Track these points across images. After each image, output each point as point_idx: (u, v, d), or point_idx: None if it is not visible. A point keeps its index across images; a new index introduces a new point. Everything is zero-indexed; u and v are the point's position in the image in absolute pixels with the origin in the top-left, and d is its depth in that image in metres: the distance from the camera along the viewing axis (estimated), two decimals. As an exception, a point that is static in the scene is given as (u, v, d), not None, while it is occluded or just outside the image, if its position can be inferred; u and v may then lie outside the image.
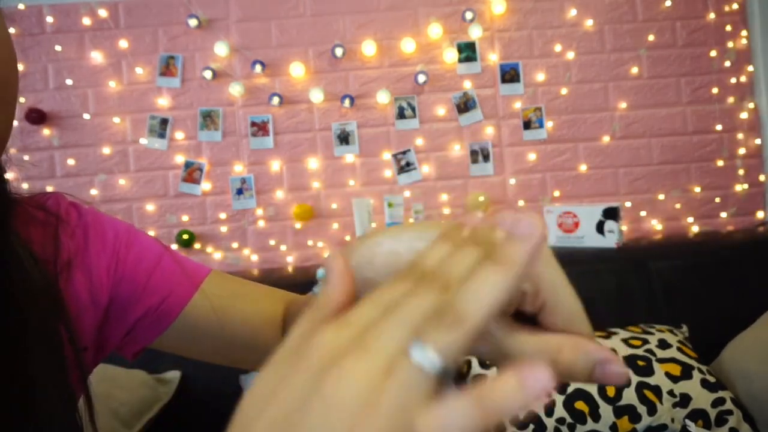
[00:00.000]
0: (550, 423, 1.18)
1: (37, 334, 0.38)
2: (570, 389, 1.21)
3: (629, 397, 1.19)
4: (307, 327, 0.22)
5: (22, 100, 1.76)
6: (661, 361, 1.24)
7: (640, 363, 1.24)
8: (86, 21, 1.77)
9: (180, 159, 1.80)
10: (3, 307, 0.37)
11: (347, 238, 1.83)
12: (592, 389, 1.20)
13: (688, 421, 1.16)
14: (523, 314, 0.27)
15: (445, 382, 0.19)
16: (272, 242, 1.83)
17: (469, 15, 1.78)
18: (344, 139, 1.82)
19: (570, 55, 1.83)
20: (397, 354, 0.19)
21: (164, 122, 1.79)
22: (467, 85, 1.83)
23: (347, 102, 1.78)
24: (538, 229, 0.22)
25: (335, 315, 0.22)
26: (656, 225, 1.85)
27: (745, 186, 1.86)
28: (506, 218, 0.23)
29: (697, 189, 1.86)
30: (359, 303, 0.22)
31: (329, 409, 0.18)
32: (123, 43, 1.77)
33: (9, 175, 0.41)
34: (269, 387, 0.20)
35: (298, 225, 1.83)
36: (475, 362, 1.36)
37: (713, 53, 1.84)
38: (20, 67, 1.70)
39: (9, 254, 0.38)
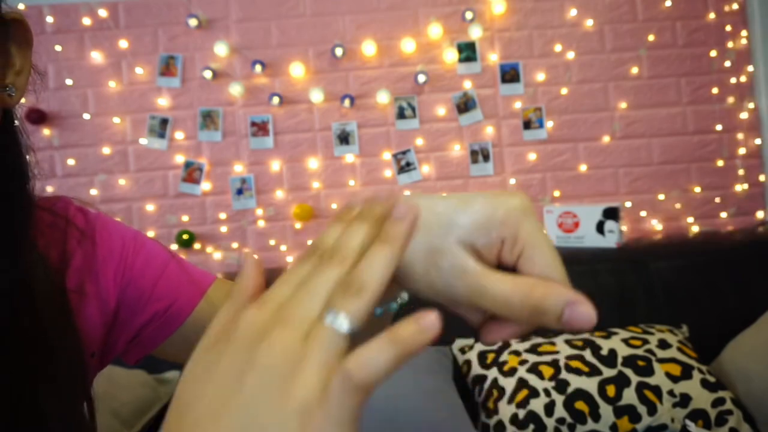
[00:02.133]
0: (550, 423, 1.18)
1: (47, 339, 0.38)
2: (570, 389, 1.21)
3: (629, 397, 1.19)
4: (229, 312, 0.25)
5: (22, 100, 1.76)
6: (661, 361, 1.25)
7: (640, 363, 1.24)
8: (86, 21, 1.77)
9: (180, 159, 1.80)
10: (15, 310, 0.37)
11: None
12: (593, 389, 1.20)
13: (688, 421, 1.16)
14: (504, 268, 0.28)
15: (356, 339, 0.23)
16: (272, 242, 1.83)
17: (469, 15, 1.78)
18: (344, 139, 1.82)
19: (570, 55, 1.83)
20: (313, 322, 0.22)
21: (164, 122, 1.79)
22: (467, 85, 1.83)
23: (347, 102, 1.78)
24: (413, 211, 0.26)
25: (250, 301, 0.25)
26: (656, 225, 1.85)
27: (745, 186, 1.86)
28: (383, 197, 0.27)
29: (697, 189, 1.86)
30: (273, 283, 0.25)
31: (263, 376, 0.21)
32: (123, 43, 1.78)
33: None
34: (203, 370, 0.23)
35: (298, 225, 1.83)
36: (475, 362, 1.36)
37: (713, 53, 1.84)
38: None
39: (24, 258, 0.38)
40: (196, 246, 1.81)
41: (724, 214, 1.86)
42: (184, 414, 0.22)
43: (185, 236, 1.76)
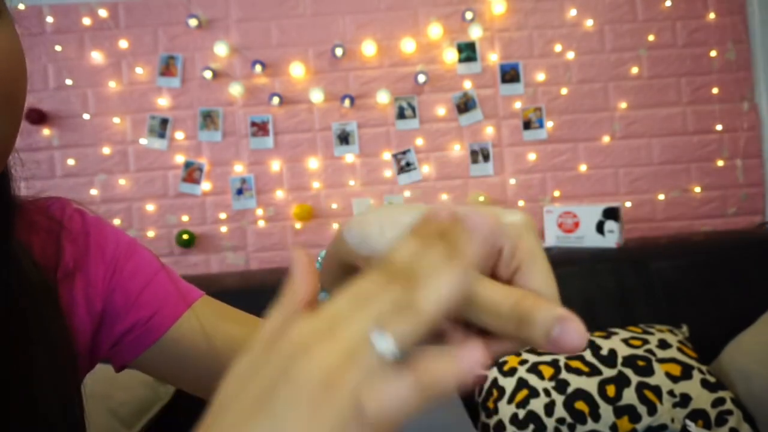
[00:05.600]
0: (550, 423, 1.18)
1: (35, 338, 0.38)
2: (570, 389, 1.21)
3: (629, 397, 1.19)
4: (278, 320, 0.24)
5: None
6: (661, 361, 1.25)
7: (640, 363, 1.24)
8: (86, 21, 1.77)
9: (180, 159, 1.80)
10: (2, 310, 0.37)
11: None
12: (593, 389, 1.20)
13: (688, 421, 1.16)
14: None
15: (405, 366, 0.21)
16: (272, 242, 1.83)
17: (469, 15, 1.78)
18: (344, 139, 1.82)
19: (570, 55, 1.83)
20: (360, 341, 0.21)
21: (164, 122, 1.79)
22: (467, 85, 1.83)
23: (347, 102, 1.78)
24: (487, 224, 0.24)
25: (303, 307, 0.24)
26: (656, 225, 1.85)
27: (745, 186, 1.86)
28: (466, 213, 0.25)
29: (697, 189, 1.86)
30: (335, 294, 0.24)
31: (294, 390, 0.20)
32: (123, 43, 1.77)
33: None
34: (245, 373, 0.22)
35: (298, 225, 1.83)
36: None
37: (713, 53, 1.84)
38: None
39: (9, 257, 0.38)
40: (196, 246, 1.81)
41: (724, 214, 1.86)
42: (218, 415, 0.22)
43: (185, 236, 1.76)
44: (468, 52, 1.82)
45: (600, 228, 1.62)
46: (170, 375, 0.52)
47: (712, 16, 1.84)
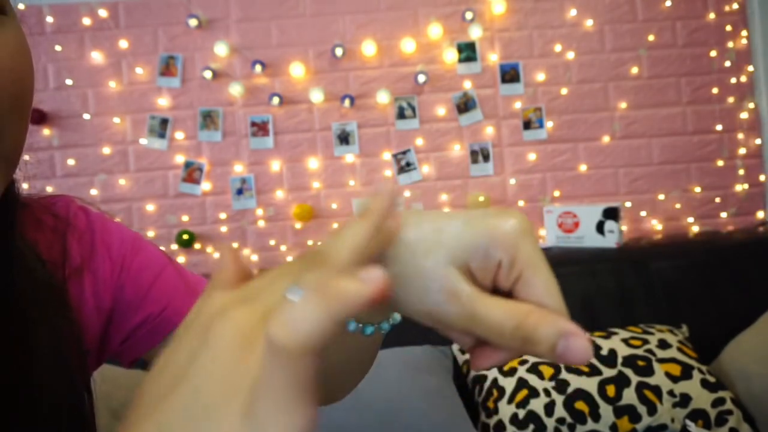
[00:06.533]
0: (550, 423, 1.18)
1: (42, 335, 0.39)
2: (570, 389, 1.21)
3: (629, 397, 1.19)
4: (202, 299, 0.24)
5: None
6: (661, 361, 1.25)
7: (640, 363, 1.24)
8: (86, 21, 1.77)
9: (180, 159, 1.80)
10: (7, 307, 0.37)
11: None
12: (593, 389, 1.20)
13: (688, 421, 1.16)
14: (499, 292, 0.27)
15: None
16: (272, 242, 1.83)
17: (469, 15, 1.78)
18: (344, 139, 1.82)
19: (570, 55, 1.83)
20: (277, 301, 0.20)
21: (164, 122, 1.79)
22: (467, 85, 1.83)
23: (347, 102, 1.78)
24: (389, 187, 0.26)
25: (228, 287, 0.24)
26: (656, 225, 1.85)
27: (745, 186, 1.86)
28: (381, 190, 0.27)
29: (697, 189, 1.86)
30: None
31: (213, 353, 0.19)
32: (123, 43, 1.77)
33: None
34: (164, 357, 0.22)
35: (298, 225, 1.83)
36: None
37: (713, 53, 1.84)
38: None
39: (15, 255, 0.39)
40: (196, 246, 1.81)
41: (724, 214, 1.86)
42: (137, 404, 0.21)
43: (185, 236, 1.76)
44: (468, 52, 1.82)
45: (600, 228, 1.62)
46: None
47: (712, 16, 1.84)
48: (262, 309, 0.21)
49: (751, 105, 1.85)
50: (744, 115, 1.85)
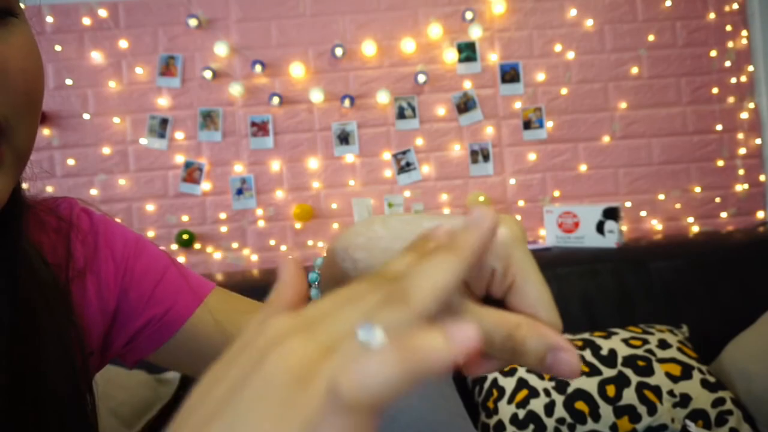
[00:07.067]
0: (550, 423, 1.18)
1: (46, 336, 0.39)
2: (570, 389, 1.21)
3: (629, 397, 1.19)
4: (259, 320, 0.22)
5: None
6: (661, 361, 1.24)
7: (640, 363, 1.24)
8: (86, 21, 1.77)
9: (180, 159, 1.80)
10: (12, 308, 0.37)
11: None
12: (593, 389, 1.20)
13: (688, 421, 1.16)
14: (492, 300, 0.27)
15: None
16: (272, 242, 1.83)
17: (469, 15, 1.78)
18: (344, 139, 1.82)
19: (570, 55, 1.83)
20: (343, 335, 0.19)
21: (164, 122, 1.79)
22: (467, 85, 1.83)
23: (347, 102, 1.78)
24: (488, 218, 0.23)
25: (287, 309, 0.22)
26: (656, 225, 1.85)
27: (745, 186, 1.86)
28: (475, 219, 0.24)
29: (697, 189, 1.86)
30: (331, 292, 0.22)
31: (265, 383, 0.18)
32: (123, 43, 1.77)
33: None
34: (215, 375, 0.20)
35: (298, 225, 1.83)
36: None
37: (713, 53, 1.84)
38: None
39: (19, 257, 0.39)
40: (196, 246, 1.81)
41: (724, 214, 1.86)
42: (184, 418, 0.20)
43: (185, 236, 1.76)
44: (468, 52, 1.82)
45: (600, 228, 1.62)
46: (187, 367, 0.53)
47: (712, 16, 1.84)
48: (325, 342, 0.19)
49: (751, 105, 1.85)
50: (744, 115, 1.85)
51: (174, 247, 1.79)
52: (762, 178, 1.86)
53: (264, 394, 0.18)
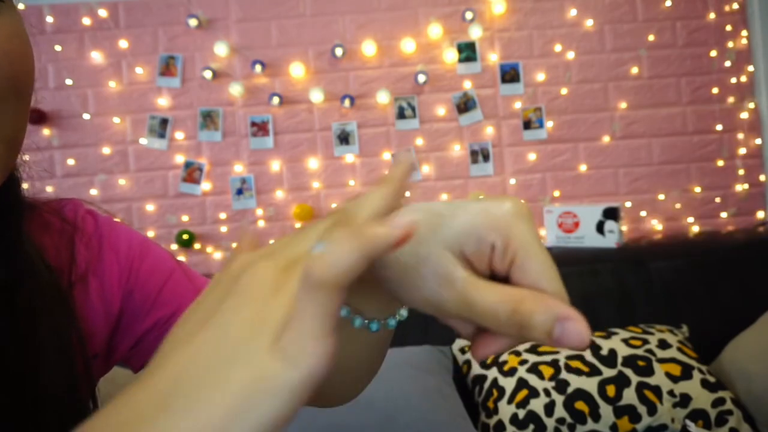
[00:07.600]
0: (550, 423, 1.18)
1: (45, 338, 0.38)
2: (570, 389, 1.21)
3: (629, 397, 1.19)
4: (228, 261, 0.25)
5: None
6: (661, 361, 1.25)
7: (640, 363, 1.24)
8: (86, 21, 1.77)
9: (180, 159, 1.80)
10: (13, 310, 0.37)
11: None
12: (593, 389, 1.20)
13: (688, 421, 1.16)
14: (498, 278, 0.27)
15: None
16: (272, 242, 1.83)
17: (469, 15, 1.78)
18: (344, 139, 1.82)
19: (570, 55, 1.83)
20: (302, 255, 0.23)
21: (164, 122, 1.79)
22: (467, 85, 1.83)
23: (347, 102, 1.78)
24: (409, 159, 0.28)
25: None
26: (656, 225, 1.85)
27: (746, 186, 1.86)
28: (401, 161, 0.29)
29: (697, 189, 1.86)
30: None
31: (241, 298, 0.21)
32: (123, 43, 1.78)
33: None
34: (200, 299, 0.24)
35: (298, 225, 1.83)
36: (475, 362, 1.36)
37: (713, 53, 1.84)
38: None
39: (21, 258, 0.39)
40: (196, 246, 1.81)
41: (724, 214, 1.86)
42: (165, 343, 0.22)
43: (185, 236, 1.76)
44: (468, 52, 1.82)
45: (600, 228, 1.62)
46: None
47: (712, 16, 1.84)
48: (286, 262, 0.22)
49: (751, 105, 1.85)
50: (744, 115, 1.85)
51: (174, 247, 1.79)
52: (762, 178, 1.86)
53: (244, 301, 0.21)
